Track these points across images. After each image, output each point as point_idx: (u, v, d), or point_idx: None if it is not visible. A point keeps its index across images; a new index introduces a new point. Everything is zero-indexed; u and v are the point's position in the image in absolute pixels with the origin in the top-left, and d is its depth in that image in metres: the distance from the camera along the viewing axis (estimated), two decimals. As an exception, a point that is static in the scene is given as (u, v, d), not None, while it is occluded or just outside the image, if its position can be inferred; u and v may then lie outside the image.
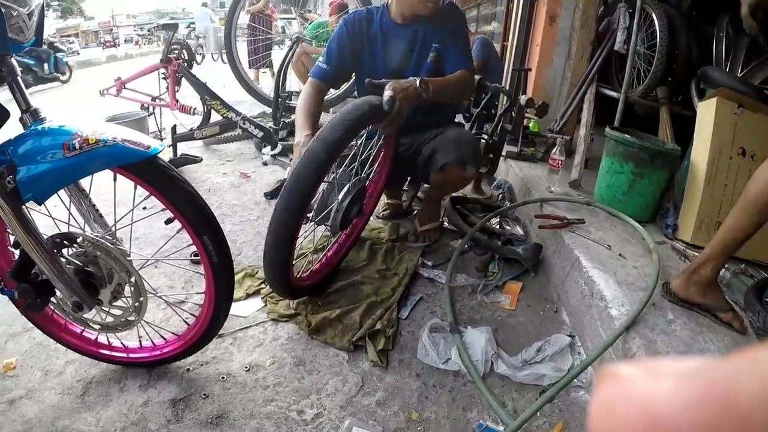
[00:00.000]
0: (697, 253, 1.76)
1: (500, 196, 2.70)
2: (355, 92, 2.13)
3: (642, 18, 2.52)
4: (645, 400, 0.17)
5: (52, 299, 1.24)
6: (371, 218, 2.23)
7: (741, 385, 0.15)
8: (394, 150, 2.02)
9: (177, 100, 3.76)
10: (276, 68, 4.01)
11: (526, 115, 2.82)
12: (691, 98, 2.50)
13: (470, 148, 1.97)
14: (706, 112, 1.95)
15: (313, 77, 2.00)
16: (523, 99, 2.46)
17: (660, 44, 2.48)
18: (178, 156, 3.30)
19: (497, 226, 2.37)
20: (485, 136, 2.61)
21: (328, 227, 1.69)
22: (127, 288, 1.26)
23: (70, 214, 1.26)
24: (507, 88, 3.36)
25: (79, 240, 1.20)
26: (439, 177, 2.00)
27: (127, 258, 1.23)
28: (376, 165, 1.92)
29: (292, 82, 4.26)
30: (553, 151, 2.36)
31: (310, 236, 1.92)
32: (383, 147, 1.93)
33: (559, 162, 2.34)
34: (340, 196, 1.58)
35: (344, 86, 4.08)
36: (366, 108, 1.53)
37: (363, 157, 1.72)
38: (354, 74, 2.19)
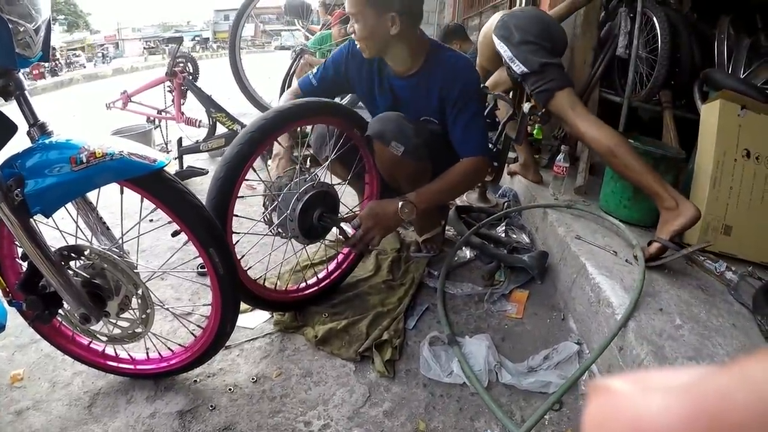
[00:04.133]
0: (703, 257, 1.75)
1: (505, 204, 2.70)
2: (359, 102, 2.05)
3: (643, 22, 2.52)
4: (635, 417, 0.16)
5: (60, 311, 1.24)
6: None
7: (731, 402, 0.15)
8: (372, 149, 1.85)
9: (182, 113, 3.79)
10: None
11: (530, 122, 2.81)
12: (695, 101, 2.50)
13: (395, 125, 1.71)
14: (709, 114, 1.95)
15: (299, 87, 1.93)
16: (526, 107, 2.46)
17: (661, 48, 2.47)
18: (184, 168, 3.32)
19: (503, 235, 2.36)
20: (489, 145, 2.61)
21: (287, 237, 1.67)
22: (134, 300, 1.27)
23: (77, 226, 1.27)
24: (509, 96, 3.37)
25: (86, 252, 1.21)
26: (378, 158, 1.83)
27: (134, 270, 1.23)
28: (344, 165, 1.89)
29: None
30: (558, 158, 2.36)
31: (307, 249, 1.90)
32: (358, 148, 1.86)
33: (564, 169, 2.34)
34: (290, 205, 1.59)
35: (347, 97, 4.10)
36: (245, 142, 1.47)
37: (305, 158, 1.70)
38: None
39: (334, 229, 1.74)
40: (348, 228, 1.76)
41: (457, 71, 1.78)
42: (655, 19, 2.50)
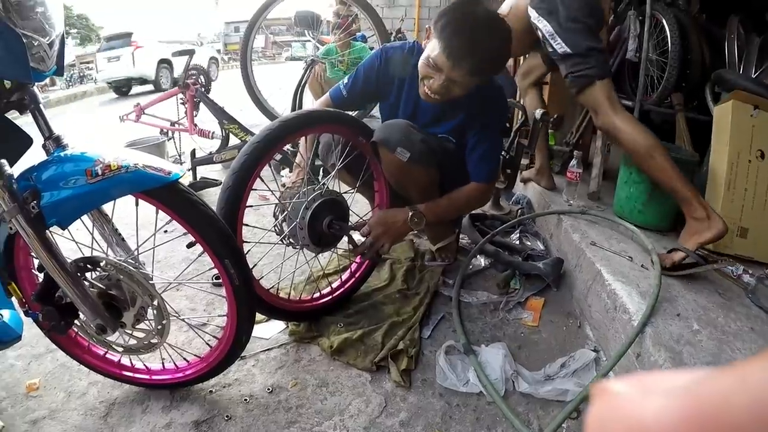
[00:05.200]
0: (720, 260, 1.73)
1: (519, 211, 2.68)
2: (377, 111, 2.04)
3: (652, 25, 2.51)
4: (635, 418, 0.17)
5: (76, 322, 1.25)
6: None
7: (730, 405, 0.15)
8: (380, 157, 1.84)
9: (195, 125, 3.82)
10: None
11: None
12: (707, 103, 2.48)
13: (401, 132, 1.71)
14: (722, 115, 1.93)
15: (330, 98, 1.91)
16: (538, 113, 2.46)
17: (672, 50, 2.47)
18: (198, 180, 3.34)
19: (517, 242, 2.35)
20: (502, 152, 2.60)
21: (298, 246, 1.68)
22: (149, 311, 1.27)
23: (93, 238, 1.28)
24: (521, 102, 3.36)
25: (102, 264, 1.22)
26: (384, 164, 1.82)
27: (150, 281, 1.24)
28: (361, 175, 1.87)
29: (307, 104, 4.30)
30: (571, 163, 2.35)
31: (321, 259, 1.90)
32: (366, 157, 1.85)
33: (577, 174, 2.33)
34: (300, 213, 1.59)
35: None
36: (259, 143, 1.51)
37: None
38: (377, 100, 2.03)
39: (345, 238, 1.74)
40: (357, 236, 1.76)
41: (486, 103, 1.77)
42: (664, 21, 2.50)
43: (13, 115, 1.12)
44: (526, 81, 2.61)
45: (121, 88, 11.84)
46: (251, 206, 1.53)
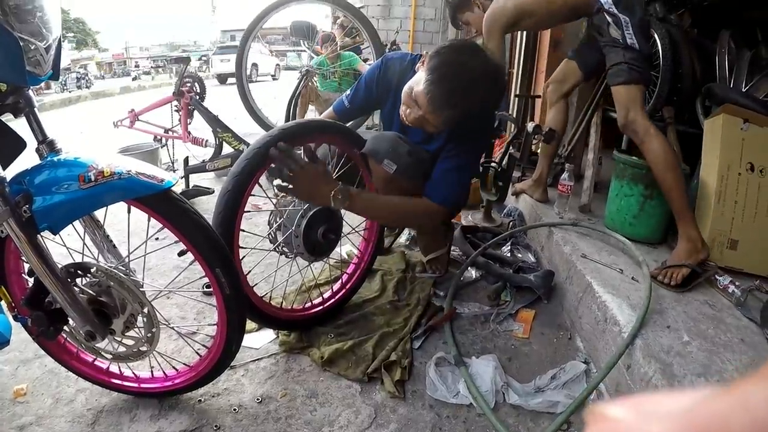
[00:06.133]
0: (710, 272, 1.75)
1: (510, 223, 2.69)
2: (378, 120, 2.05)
3: (644, 38, 2.54)
4: None
5: (65, 327, 1.24)
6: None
7: (730, 427, 0.15)
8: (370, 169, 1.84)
9: (189, 132, 3.82)
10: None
11: (534, 141, 2.82)
12: (697, 116, 2.50)
13: (389, 144, 1.72)
14: (712, 129, 1.95)
15: (334, 110, 1.96)
16: (530, 126, 2.47)
17: (663, 64, 2.49)
18: (191, 187, 3.33)
19: (509, 254, 2.36)
20: (494, 164, 2.62)
21: (292, 255, 1.68)
22: (139, 318, 1.26)
23: (84, 244, 1.27)
24: (513, 115, 3.38)
25: (92, 270, 1.21)
26: (373, 175, 1.82)
27: (140, 289, 1.23)
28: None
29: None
30: (562, 176, 2.37)
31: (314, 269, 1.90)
32: (356, 166, 1.85)
33: (569, 187, 2.34)
34: (295, 221, 1.60)
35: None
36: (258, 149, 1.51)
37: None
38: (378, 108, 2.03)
39: (337, 249, 1.73)
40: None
41: (470, 126, 1.74)
42: (656, 35, 2.52)
43: (7, 118, 1.12)
44: (559, 91, 2.57)
45: (224, 79, 17.27)
46: (248, 211, 1.53)
